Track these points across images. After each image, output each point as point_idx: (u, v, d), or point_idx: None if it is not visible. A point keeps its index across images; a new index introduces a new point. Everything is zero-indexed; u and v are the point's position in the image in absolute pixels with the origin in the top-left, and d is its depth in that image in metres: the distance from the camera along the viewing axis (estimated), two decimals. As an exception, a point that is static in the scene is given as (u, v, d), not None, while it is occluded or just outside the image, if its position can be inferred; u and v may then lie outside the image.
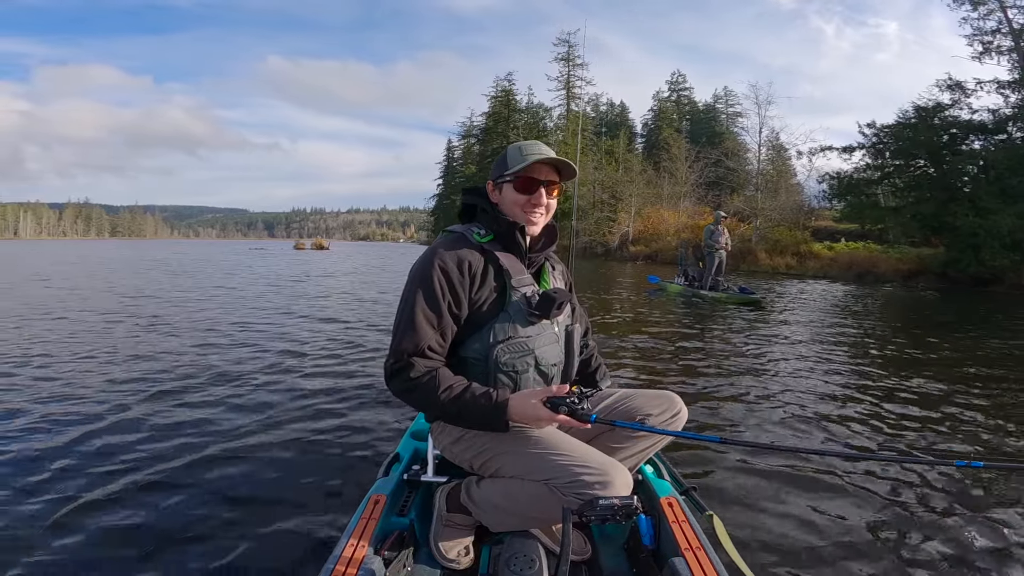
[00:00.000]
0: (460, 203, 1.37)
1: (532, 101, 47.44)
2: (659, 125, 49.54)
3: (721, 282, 9.39)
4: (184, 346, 4.85)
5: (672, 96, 53.75)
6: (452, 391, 1.14)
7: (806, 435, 2.86)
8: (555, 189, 1.30)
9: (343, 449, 2.53)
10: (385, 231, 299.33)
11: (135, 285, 11.11)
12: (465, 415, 1.15)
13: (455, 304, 1.19)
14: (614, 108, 54.48)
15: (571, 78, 44.11)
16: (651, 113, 53.74)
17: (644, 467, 1.48)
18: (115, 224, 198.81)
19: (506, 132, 44.88)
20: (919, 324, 7.92)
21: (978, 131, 15.65)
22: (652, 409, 1.32)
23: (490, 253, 1.24)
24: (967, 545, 1.79)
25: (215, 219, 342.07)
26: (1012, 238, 13.43)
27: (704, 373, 4.21)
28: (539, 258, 1.33)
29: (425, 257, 1.22)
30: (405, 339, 1.16)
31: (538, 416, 1.10)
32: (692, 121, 50.73)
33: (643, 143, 51.05)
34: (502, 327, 1.20)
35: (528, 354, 1.21)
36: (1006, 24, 15.96)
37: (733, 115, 48.05)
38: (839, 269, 17.92)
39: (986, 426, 3.04)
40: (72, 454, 2.40)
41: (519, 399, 1.13)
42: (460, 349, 1.23)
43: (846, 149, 18.04)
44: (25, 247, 48.42)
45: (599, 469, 1.09)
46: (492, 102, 48.51)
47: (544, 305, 1.22)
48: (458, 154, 58.19)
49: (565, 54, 43.76)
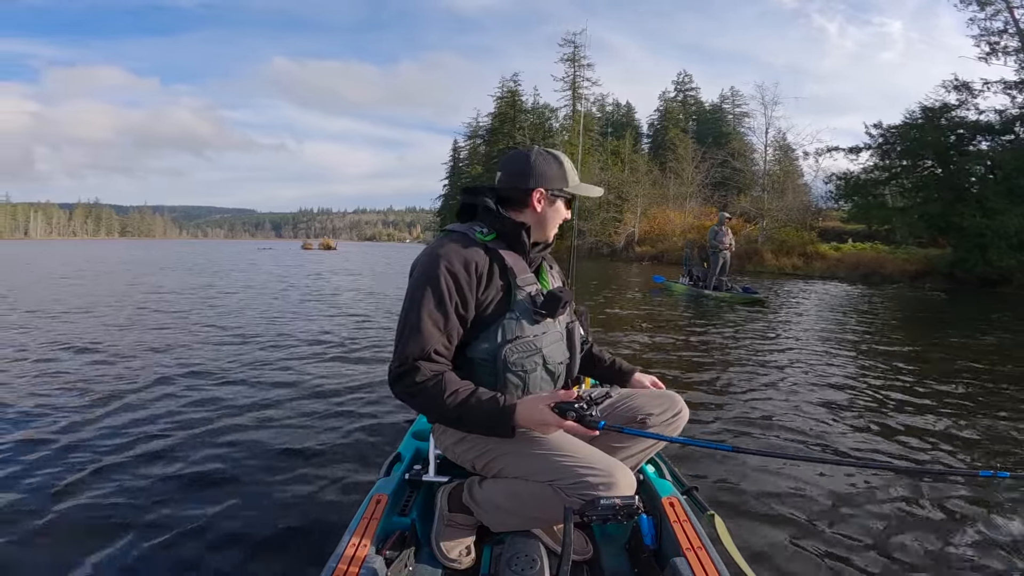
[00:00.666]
0: (459, 201, 1.35)
1: (538, 102, 47.57)
2: (665, 125, 49.41)
3: (725, 282, 9.56)
4: (192, 342, 4.97)
5: (678, 96, 53.63)
6: (458, 396, 1.12)
7: (810, 435, 2.85)
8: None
9: (344, 449, 2.53)
10: (391, 231, 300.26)
11: (158, 283, 11.33)
12: (470, 420, 1.14)
13: (462, 306, 1.17)
14: (620, 108, 54.47)
15: (576, 78, 44.25)
16: (657, 113, 53.70)
17: (645, 467, 1.49)
18: (125, 224, 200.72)
19: (512, 133, 44.97)
20: (924, 324, 8.00)
21: (985, 131, 15.62)
22: (653, 409, 1.32)
23: (494, 252, 1.23)
24: (972, 551, 1.75)
25: (223, 219, 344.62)
26: (1019, 238, 13.42)
27: (708, 372, 4.31)
28: (538, 257, 1.33)
29: (430, 258, 1.20)
30: (410, 342, 1.14)
31: (545, 421, 1.09)
32: (699, 121, 50.63)
33: (649, 143, 51.03)
34: (510, 327, 1.19)
35: (536, 353, 1.21)
36: (1013, 24, 15.92)
37: (740, 115, 47.96)
38: (846, 270, 17.94)
39: (988, 429, 3.07)
40: (59, 445, 2.47)
41: (526, 404, 1.12)
42: (467, 350, 1.21)
43: (852, 150, 18.07)
44: (35, 248, 48.05)
45: (604, 470, 1.09)
46: (498, 103, 48.66)
47: (550, 304, 1.22)
48: (464, 154, 58.38)
49: (571, 54, 43.94)
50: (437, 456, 1.47)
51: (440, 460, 1.47)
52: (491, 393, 1.14)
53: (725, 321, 7.22)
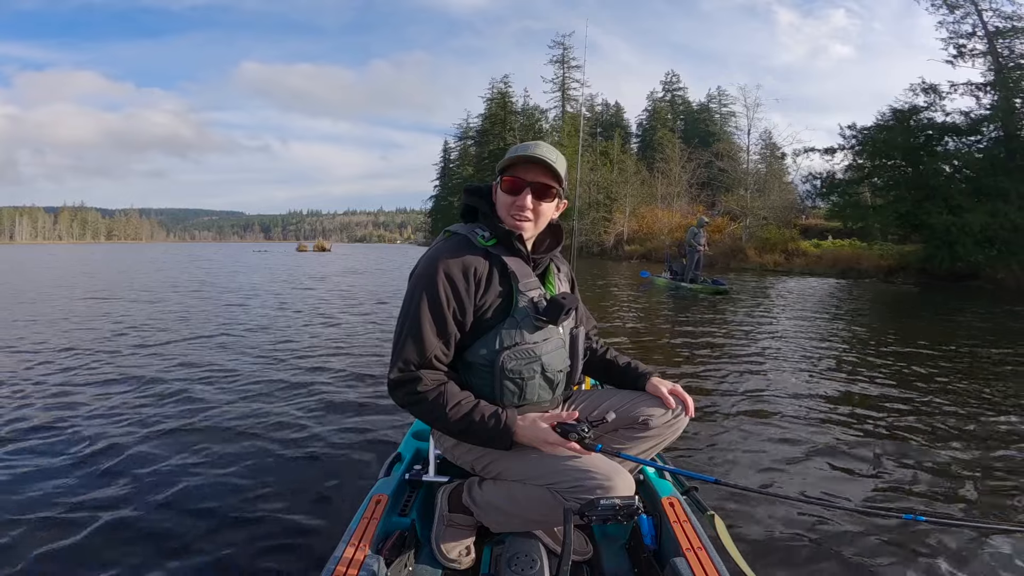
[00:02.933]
0: (461, 202, 1.33)
1: (528, 103, 48.14)
2: (654, 125, 50.29)
3: (699, 275, 11.21)
4: (194, 346, 5.03)
5: (666, 96, 54.49)
6: (460, 409, 1.13)
7: (787, 425, 2.99)
8: (550, 193, 1.24)
9: (344, 449, 2.54)
10: (382, 232, 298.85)
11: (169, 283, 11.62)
12: (471, 434, 1.16)
13: (460, 312, 1.17)
14: (609, 108, 55.19)
15: (566, 80, 44.90)
16: (646, 113, 54.52)
17: (645, 467, 1.49)
18: (111, 227, 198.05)
19: (503, 134, 45.53)
20: (884, 313, 8.74)
21: (952, 132, 16.29)
22: (654, 411, 1.32)
23: (495, 257, 1.22)
24: (978, 556, 1.75)
25: (211, 222, 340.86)
26: (984, 235, 14.05)
27: (688, 361, 4.82)
28: (544, 259, 1.31)
29: (428, 263, 1.19)
30: (409, 349, 1.15)
31: (547, 440, 1.11)
32: (686, 121, 51.50)
33: (638, 143, 51.78)
34: (508, 333, 1.19)
35: (535, 361, 1.20)
36: (982, 28, 16.54)
37: (727, 115, 48.92)
38: (825, 266, 18.63)
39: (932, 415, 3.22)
40: (55, 467, 2.35)
41: (528, 423, 1.14)
42: (466, 354, 1.21)
43: (828, 150, 18.73)
44: (22, 252, 46.03)
45: (602, 474, 1.09)
46: (488, 104, 49.17)
47: (552, 311, 1.20)
48: (455, 155, 58.78)
49: (560, 56, 44.60)
50: (437, 456, 1.47)
51: (440, 460, 1.48)
52: (493, 408, 1.15)
53: (701, 310, 8.02)
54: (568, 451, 1.12)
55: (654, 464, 1.34)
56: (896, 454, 2.61)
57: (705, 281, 10.97)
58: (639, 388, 1.38)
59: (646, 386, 1.37)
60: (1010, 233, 13.76)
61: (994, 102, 15.71)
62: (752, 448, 2.65)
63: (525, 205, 1.21)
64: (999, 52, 15.92)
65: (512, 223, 1.23)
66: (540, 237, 1.31)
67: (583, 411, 1.29)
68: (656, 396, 1.33)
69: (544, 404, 1.26)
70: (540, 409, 1.25)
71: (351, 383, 3.73)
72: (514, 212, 1.22)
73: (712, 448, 2.64)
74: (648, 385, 1.37)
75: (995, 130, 15.79)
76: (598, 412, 1.29)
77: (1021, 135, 15.23)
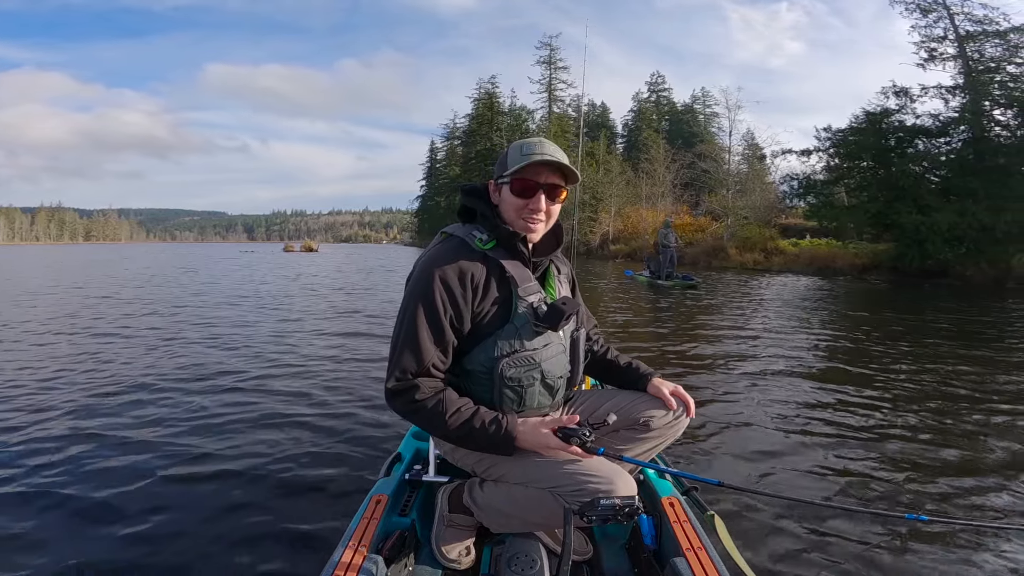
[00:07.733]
0: (459, 202, 1.30)
1: (515, 103, 48.30)
2: (639, 126, 50.85)
3: (673, 272, 12.25)
4: (192, 346, 5.01)
5: (652, 97, 55.12)
6: (460, 416, 1.13)
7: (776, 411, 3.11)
8: (560, 194, 1.22)
9: (344, 449, 2.55)
10: (368, 232, 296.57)
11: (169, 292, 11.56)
12: (472, 441, 1.15)
13: (457, 319, 1.15)
14: (595, 109, 55.65)
15: (553, 80, 45.20)
16: (632, 114, 55.08)
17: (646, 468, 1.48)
18: (89, 228, 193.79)
19: (489, 134, 45.58)
20: (852, 308, 9.12)
21: (922, 134, 16.82)
22: (655, 411, 1.31)
23: (493, 261, 1.19)
24: (979, 555, 1.75)
25: (192, 222, 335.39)
26: (952, 233, 14.58)
27: (679, 358, 4.93)
28: (544, 261, 1.29)
29: (424, 269, 1.17)
30: (407, 358, 1.14)
31: (548, 445, 1.11)
32: (671, 121, 52.14)
33: (624, 143, 52.30)
34: (507, 340, 1.17)
35: (535, 368, 1.18)
36: (952, 31, 17.03)
37: (711, 115, 49.65)
38: (802, 264, 19.12)
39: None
40: (68, 455, 2.42)
41: (529, 429, 1.13)
42: (464, 361, 1.19)
43: (804, 152, 19.22)
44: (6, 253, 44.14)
45: (604, 477, 1.08)
46: (475, 104, 49.22)
47: (552, 317, 1.18)
48: (441, 155, 58.76)
49: (547, 57, 44.88)
50: (437, 456, 1.47)
51: (440, 460, 1.48)
52: (493, 414, 1.14)
53: (677, 304, 8.45)
54: (570, 457, 1.13)
55: (656, 466, 1.34)
56: (895, 453, 2.60)
57: (677, 277, 12.00)
58: (640, 389, 1.37)
59: (647, 387, 1.36)
60: (978, 232, 14.29)
61: (963, 104, 16.27)
62: (752, 448, 2.64)
63: (539, 207, 1.20)
64: (969, 56, 16.45)
65: (523, 226, 1.21)
66: (542, 238, 1.29)
67: (584, 412, 1.31)
68: (657, 397, 1.33)
69: (544, 409, 1.25)
70: (540, 414, 1.23)
71: (350, 383, 3.73)
72: (527, 215, 1.20)
73: (712, 448, 2.64)
74: (649, 386, 1.36)
75: (964, 132, 16.34)
76: (599, 414, 1.27)
77: (990, 137, 15.79)
